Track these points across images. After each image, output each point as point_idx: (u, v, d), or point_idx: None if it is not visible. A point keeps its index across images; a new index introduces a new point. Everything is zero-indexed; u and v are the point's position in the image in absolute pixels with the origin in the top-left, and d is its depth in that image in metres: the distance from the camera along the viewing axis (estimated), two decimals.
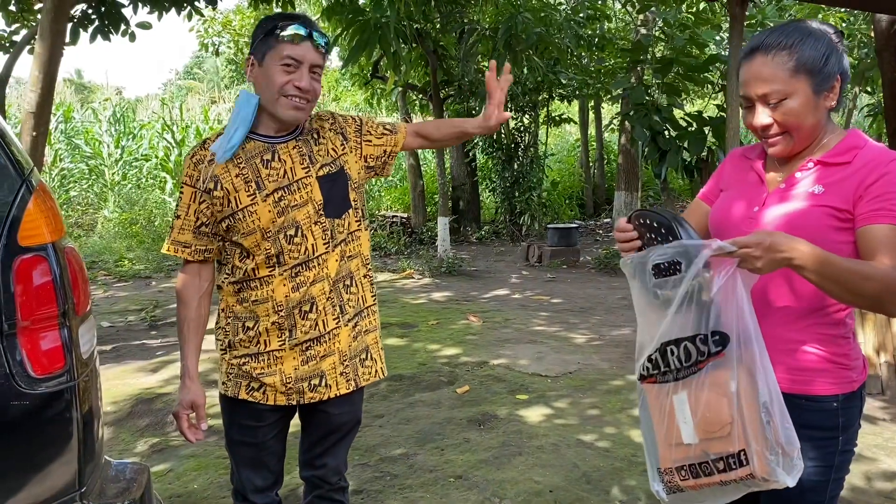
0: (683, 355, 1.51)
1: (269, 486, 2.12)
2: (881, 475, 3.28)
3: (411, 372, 4.72)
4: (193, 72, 39.35)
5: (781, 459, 1.42)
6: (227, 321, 2.01)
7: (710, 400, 1.47)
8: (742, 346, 1.44)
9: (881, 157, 1.53)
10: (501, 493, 3.11)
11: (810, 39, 1.55)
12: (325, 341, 1.99)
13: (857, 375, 1.61)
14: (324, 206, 1.95)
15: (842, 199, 1.52)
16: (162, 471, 3.46)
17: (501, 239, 12.21)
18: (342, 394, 2.04)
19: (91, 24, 7.61)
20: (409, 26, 8.26)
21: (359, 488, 3.19)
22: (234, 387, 2.00)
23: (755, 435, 1.42)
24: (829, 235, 1.51)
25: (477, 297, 7.56)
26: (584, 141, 16.06)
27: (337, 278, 1.99)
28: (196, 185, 1.92)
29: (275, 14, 1.95)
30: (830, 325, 1.59)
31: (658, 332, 1.54)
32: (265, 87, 1.89)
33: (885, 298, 1.44)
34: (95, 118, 14.14)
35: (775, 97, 1.54)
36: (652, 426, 1.61)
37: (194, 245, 1.97)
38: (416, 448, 3.59)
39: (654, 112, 6.78)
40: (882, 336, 4.30)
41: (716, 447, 1.47)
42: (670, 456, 1.56)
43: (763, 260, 1.40)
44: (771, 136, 1.59)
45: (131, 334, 6.09)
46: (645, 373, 1.60)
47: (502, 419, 3.93)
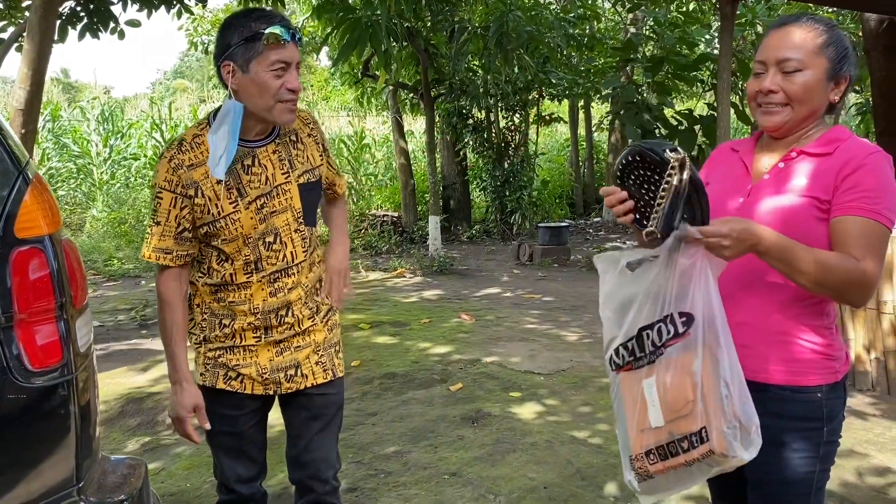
0: (657, 337, 1.54)
1: (252, 476, 2.10)
2: (872, 470, 3.30)
3: (404, 370, 4.71)
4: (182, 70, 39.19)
5: (739, 433, 1.44)
6: (202, 317, 1.99)
7: (675, 380, 1.51)
8: (706, 327, 1.47)
9: (861, 149, 1.57)
10: (496, 489, 3.11)
11: (839, 33, 1.62)
12: (301, 336, 2.01)
13: (840, 366, 1.64)
14: (303, 213, 1.94)
15: (822, 189, 1.56)
16: (154, 469, 3.44)
17: (492, 238, 12.20)
18: (319, 383, 2.04)
19: (80, 22, 7.56)
20: (399, 24, 8.25)
21: (353, 486, 3.18)
22: (212, 377, 1.99)
23: (715, 412, 1.45)
24: (814, 225, 1.55)
25: (468, 295, 7.56)
26: (574, 140, 16.08)
27: (310, 284, 2.02)
28: (175, 190, 1.85)
29: (244, 14, 1.83)
30: (816, 316, 1.61)
31: (635, 318, 1.58)
32: (256, 95, 1.81)
33: (847, 290, 1.50)
34: (83, 117, 14.02)
35: (794, 65, 1.57)
36: (623, 415, 1.64)
37: (176, 251, 1.90)
38: (409, 446, 3.58)
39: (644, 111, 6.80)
40: (872, 333, 4.33)
41: (680, 427, 1.50)
42: (641, 442, 1.58)
43: (731, 249, 1.45)
44: (772, 105, 1.60)
45: (121, 333, 6.05)
46: (620, 361, 1.62)
47: (496, 416, 3.93)
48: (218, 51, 1.84)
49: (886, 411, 4.04)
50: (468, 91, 10.54)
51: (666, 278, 1.52)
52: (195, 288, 2.00)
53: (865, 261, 1.48)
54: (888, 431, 3.74)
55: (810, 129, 1.64)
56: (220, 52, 1.83)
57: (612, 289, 1.64)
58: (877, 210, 1.50)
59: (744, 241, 1.44)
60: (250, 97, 1.82)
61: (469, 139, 11.96)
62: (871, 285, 1.51)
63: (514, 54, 8.76)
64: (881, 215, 1.50)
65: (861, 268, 1.48)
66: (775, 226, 1.52)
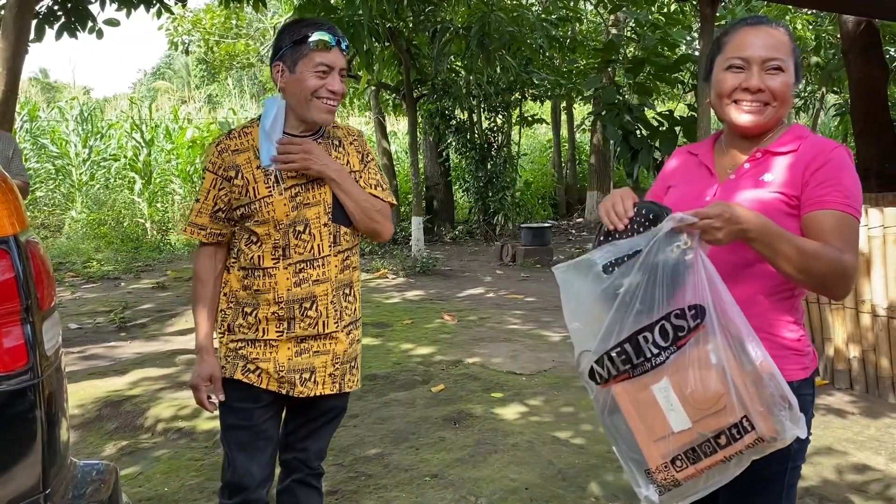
0: (661, 337, 1.47)
1: (264, 478, 2.11)
2: (851, 468, 3.32)
3: (386, 371, 4.69)
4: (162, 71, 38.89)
5: (787, 411, 1.40)
6: (228, 305, 2.09)
7: (697, 377, 1.44)
8: (720, 314, 1.43)
9: (825, 145, 1.60)
10: (477, 491, 3.09)
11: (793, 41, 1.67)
12: (323, 340, 2.06)
13: (809, 362, 1.65)
14: (332, 210, 2.04)
15: (790, 185, 1.58)
16: (131, 474, 3.40)
17: (475, 238, 12.21)
18: (326, 394, 2.09)
19: (57, 21, 7.46)
20: (381, 25, 8.22)
21: (333, 488, 3.15)
22: (231, 368, 2.05)
23: (752, 398, 1.40)
24: (781, 220, 1.55)
25: (451, 296, 7.54)
26: (557, 141, 16.14)
27: (339, 284, 2.08)
28: (217, 171, 2.02)
29: (297, 21, 2.05)
30: (788, 311, 1.62)
31: (622, 324, 1.50)
32: (298, 93, 1.98)
33: (830, 280, 1.50)
34: (62, 117, 13.87)
35: (777, 64, 1.59)
36: (627, 430, 1.55)
37: (210, 228, 2.07)
38: (391, 448, 3.56)
39: (625, 112, 6.83)
40: (851, 331, 4.36)
41: (712, 424, 1.43)
42: (659, 451, 1.50)
43: (724, 231, 1.43)
44: (756, 104, 1.61)
45: (100, 336, 5.98)
46: (613, 371, 1.54)
47: (477, 417, 3.92)
48: (272, 53, 2.05)
49: (865, 409, 4.07)
50: (450, 92, 10.53)
51: (655, 274, 1.46)
52: (228, 276, 2.09)
53: (845, 252, 1.50)
54: (866, 430, 3.77)
55: (772, 130, 1.66)
56: (273, 54, 2.04)
57: (582, 297, 1.58)
58: (848, 203, 1.53)
59: (734, 223, 1.43)
60: (294, 95, 1.99)
61: (452, 140, 11.96)
62: (852, 276, 1.52)
63: (496, 55, 8.76)
64: (852, 207, 1.53)
65: (842, 257, 1.49)
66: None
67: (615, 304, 1.50)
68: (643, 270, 1.47)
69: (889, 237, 4.11)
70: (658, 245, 1.45)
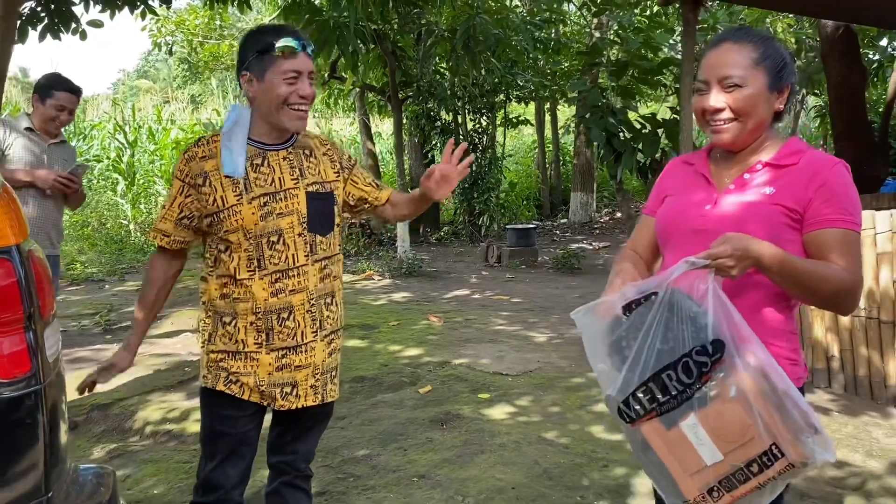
0: (684, 374, 1.50)
1: (240, 481, 2.13)
2: (830, 464, 3.40)
3: (373, 373, 4.72)
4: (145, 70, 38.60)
5: (815, 438, 1.42)
6: (207, 314, 2.09)
7: (722, 411, 1.47)
8: (739, 347, 1.46)
9: (825, 161, 1.63)
10: (464, 491, 3.13)
11: (774, 43, 1.68)
12: (302, 352, 2.05)
13: (802, 372, 1.68)
14: (307, 220, 2.04)
15: (792, 199, 1.60)
16: (120, 477, 3.41)
17: (461, 240, 12.26)
18: (309, 405, 2.10)
19: (40, 23, 7.43)
20: (367, 27, 8.24)
21: (322, 490, 3.18)
22: (214, 379, 2.06)
23: (779, 426, 1.43)
24: (782, 233, 1.59)
25: (437, 297, 7.59)
26: (541, 143, 16.23)
27: (319, 294, 2.07)
28: (185, 179, 2.01)
29: (259, 29, 2.07)
30: (781, 322, 1.65)
31: (645, 363, 1.53)
32: (269, 101, 1.98)
33: (838, 299, 1.55)
34: None
35: (734, 81, 1.63)
36: (661, 465, 1.57)
37: (173, 235, 2.07)
38: (378, 449, 3.60)
39: (609, 114, 6.91)
40: (830, 330, 4.45)
41: (742, 455, 1.47)
42: (696, 484, 1.53)
43: (737, 267, 1.48)
44: (720, 122, 1.66)
45: (85, 339, 5.97)
46: (637, 413, 1.57)
47: (465, 418, 3.96)
48: (238, 64, 2.04)
49: (844, 407, 4.15)
50: (435, 93, 10.57)
51: (673, 313, 1.50)
52: (206, 285, 2.09)
53: (852, 270, 1.55)
54: (844, 427, 3.85)
55: (764, 143, 1.69)
56: (239, 64, 2.03)
57: (603, 338, 1.60)
58: (852, 220, 1.57)
59: (746, 258, 1.47)
60: (265, 104, 1.99)
61: (437, 141, 12.00)
62: (859, 292, 1.57)
63: (481, 57, 8.81)
64: (856, 224, 1.58)
65: (849, 277, 1.54)
66: (750, 231, 1.56)
67: (636, 344, 1.54)
68: (661, 311, 1.51)
69: (866, 239, 4.20)
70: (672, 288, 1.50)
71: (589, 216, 14.31)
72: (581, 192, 14.53)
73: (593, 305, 1.61)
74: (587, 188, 14.60)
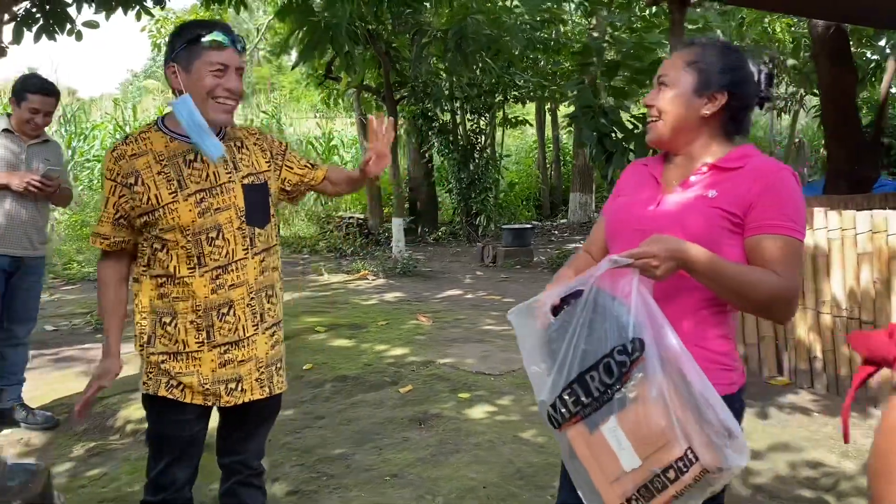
0: (605, 375, 1.47)
1: (188, 480, 2.15)
2: (805, 464, 3.40)
3: (356, 373, 4.73)
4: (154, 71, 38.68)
5: (729, 442, 1.39)
6: (142, 316, 2.06)
7: (642, 413, 1.44)
8: (660, 347, 1.44)
9: (770, 166, 1.62)
10: (435, 490, 3.14)
11: (719, 51, 1.69)
12: (244, 346, 2.05)
13: (736, 377, 1.66)
14: (246, 213, 2.03)
15: (733, 203, 1.59)
16: (97, 475, 3.44)
17: (458, 240, 12.27)
18: (255, 399, 2.09)
19: (35, 24, 7.47)
20: (360, 27, 8.26)
21: (295, 489, 3.20)
22: (155, 384, 2.04)
23: (696, 429, 1.39)
24: (721, 237, 1.58)
25: (429, 297, 7.60)
26: (542, 143, 16.21)
27: (259, 287, 2.07)
28: (116, 179, 1.99)
29: (191, 23, 2.04)
30: (714, 325, 1.64)
31: (570, 364, 1.52)
32: (195, 93, 1.96)
33: (772, 306, 1.54)
34: None
35: (664, 80, 1.69)
36: (585, 472, 1.53)
37: (113, 237, 2.05)
38: (354, 448, 3.61)
39: (600, 114, 6.90)
40: (812, 331, 4.44)
41: (661, 460, 1.42)
42: (616, 492, 1.48)
43: (661, 268, 1.46)
44: (650, 119, 1.71)
45: (75, 338, 6.00)
46: (563, 417, 1.55)
47: (442, 418, 3.97)
48: (166, 55, 2.02)
49: (825, 408, 4.14)
50: (431, 94, 10.58)
51: (601, 312, 1.48)
52: (138, 286, 2.07)
53: (788, 277, 1.52)
54: (823, 428, 3.85)
55: (712, 144, 1.69)
56: (167, 56, 2.01)
57: (536, 340, 1.59)
58: (793, 227, 1.56)
59: (672, 259, 1.46)
60: (192, 96, 1.96)
61: (434, 141, 12.00)
62: (794, 300, 1.55)
63: (474, 57, 8.81)
64: (797, 231, 1.56)
65: (784, 284, 1.52)
66: (687, 233, 1.55)
67: (563, 345, 1.52)
68: (586, 310, 1.50)
69: (847, 240, 4.20)
70: (595, 287, 1.49)
71: (588, 216, 14.29)
72: (580, 193, 14.52)
73: (526, 305, 1.60)
74: (586, 188, 14.58)
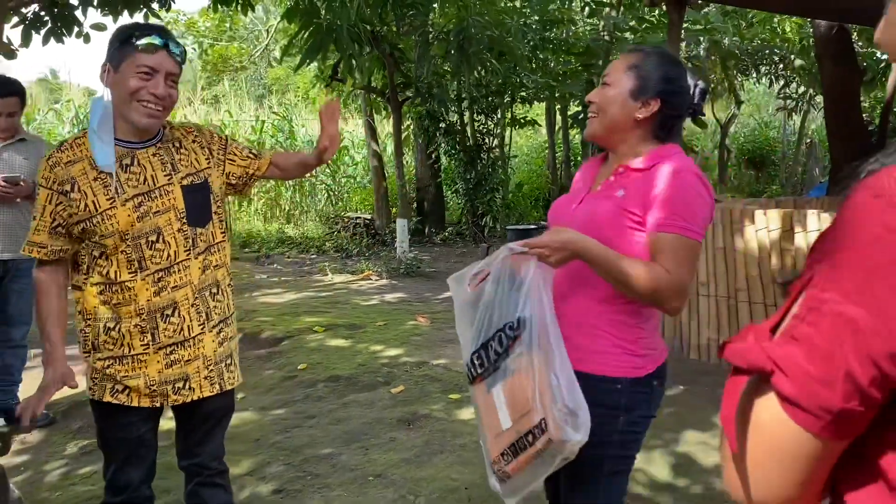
0: (498, 345, 1.70)
1: (143, 479, 2.18)
2: None
3: (349, 373, 4.76)
4: None
5: (569, 419, 1.59)
6: (86, 323, 2.06)
7: (517, 382, 1.66)
8: (537, 328, 1.64)
9: (673, 167, 1.72)
10: (417, 490, 3.17)
11: (659, 61, 1.80)
12: (190, 346, 2.05)
13: (644, 363, 1.78)
14: (186, 214, 2.02)
15: (636, 203, 1.72)
16: (87, 473, 3.49)
17: (465, 240, 12.26)
18: (206, 396, 2.11)
19: (44, 26, 7.57)
20: (363, 29, 8.30)
21: (279, 488, 3.24)
22: (100, 390, 2.06)
23: (550, 402, 1.60)
24: (624, 233, 1.72)
25: (430, 298, 7.62)
26: (551, 143, 16.15)
27: (202, 286, 2.07)
28: (52, 186, 1.96)
29: (131, 24, 2.05)
30: (625, 314, 1.76)
31: (478, 331, 1.73)
32: (120, 94, 1.95)
33: (656, 297, 1.65)
34: (58, 119, 13.98)
35: (606, 80, 1.81)
36: (482, 424, 1.77)
37: (50, 245, 2.02)
38: (342, 448, 3.64)
39: None
40: None
41: (525, 424, 1.63)
42: (497, 446, 1.71)
43: (554, 256, 1.64)
44: (589, 115, 1.84)
45: (71, 338, 6.06)
46: (473, 373, 1.78)
47: (431, 418, 3.99)
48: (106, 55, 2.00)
49: None
50: (435, 95, 10.60)
51: (501, 290, 1.69)
52: (80, 294, 2.05)
53: (673, 271, 1.64)
54: None
55: (639, 147, 1.80)
56: (106, 55, 1.99)
57: (461, 306, 1.82)
58: (684, 226, 1.67)
59: (564, 249, 1.64)
60: (117, 96, 1.96)
61: (441, 142, 12.01)
62: (680, 293, 1.67)
63: (475, 59, 8.82)
64: (688, 230, 1.67)
65: (668, 277, 1.64)
66: (591, 230, 1.70)
67: (477, 314, 1.74)
68: (494, 287, 1.71)
69: None
70: (501, 267, 1.70)
71: None
72: None
73: (458, 274, 1.80)
74: None
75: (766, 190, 16.43)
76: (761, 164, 17.88)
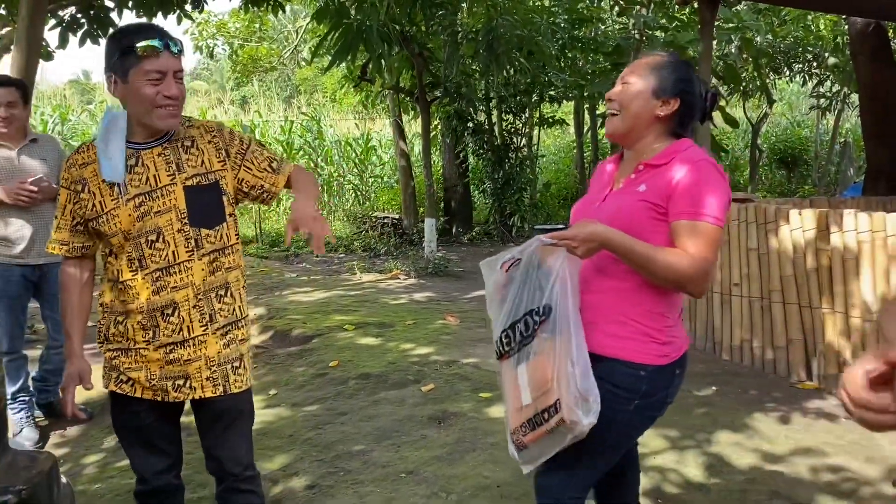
0: (524, 328, 1.86)
1: (165, 468, 2.21)
2: (826, 469, 3.36)
3: (380, 370, 4.79)
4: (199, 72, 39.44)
5: (582, 403, 1.74)
6: (103, 314, 2.13)
7: (539, 363, 1.82)
8: (561, 316, 1.78)
9: (691, 159, 1.84)
10: (449, 487, 3.18)
11: (680, 66, 1.93)
12: (191, 346, 2.05)
13: (669, 351, 1.88)
14: (188, 214, 2.01)
15: (658, 195, 1.85)
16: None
17: (493, 240, 12.26)
18: (207, 397, 2.10)
19: (80, 28, 7.71)
20: (392, 29, 8.34)
21: (312, 483, 3.27)
22: (107, 379, 2.14)
23: (566, 386, 1.75)
24: (648, 225, 1.84)
25: (458, 297, 7.63)
26: (580, 142, 16.09)
27: (207, 287, 2.06)
28: (70, 186, 2.05)
29: (122, 30, 2.05)
30: (651, 303, 1.87)
31: (508, 313, 1.90)
32: (136, 103, 1.96)
33: (679, 281, 1.78)
34: (92, 120, 14.23)
35: (627, 78, 1.90)
36: (506, 397, 1.95)
37: (72, 243, 2.10)
38: (373, 444, 3.66)
39: None
40: (841, 335, 4.36)
41: (542, 402, 1.80)
42: (517, 418, 1.89)
43: (581, 248, 1.75)
44: (611, 112, 1.92)
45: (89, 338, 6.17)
46: (500, 350, 1.96)
47: (462, 416, 4.00)
48: (104, 65, 2.00)
49: None
50: (464, 94, 10.62)
51: (530, 277, 1.84)
52: (102, 287, 2.13)
53: (695, 256, 1.76)
54: (849, 433, 3.77)
55: (654, 144, 1.91)
56: (105, 66, 1.99)
57: (493, 289, 1.96)
58: (703, 212, 1.78)
59: (591, 240, 1.75)
60: (132, 105, 1.98)
61: (469, 141, 12.02)
62: (703, 278, 1.77)
63: (504, 58, 8.83)
64: (706, 215, 1.78)
65: (689, 261, 1.75)
66: (618, 223, 1.81)
67: (508, 295, 1.91)
68: (524, 273, 1.86)
69: (878, 241, 4.11)
70: (531, 255, 1.82)
71: None
72: None
73: (491, 259, 1.94)
74: None
75: (798, 190, 16.22)
76: (793, 164, 17.64)
